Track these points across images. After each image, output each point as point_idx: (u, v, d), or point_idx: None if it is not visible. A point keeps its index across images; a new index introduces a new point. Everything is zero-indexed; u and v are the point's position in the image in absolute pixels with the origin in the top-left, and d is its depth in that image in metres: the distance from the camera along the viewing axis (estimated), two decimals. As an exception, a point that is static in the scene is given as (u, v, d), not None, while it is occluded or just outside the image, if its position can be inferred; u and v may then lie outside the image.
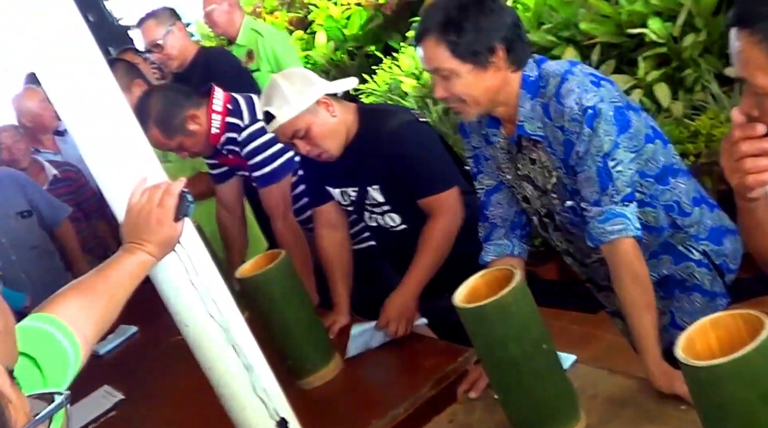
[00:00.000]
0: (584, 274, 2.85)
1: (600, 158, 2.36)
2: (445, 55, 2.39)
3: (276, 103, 3.17)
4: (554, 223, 2.68)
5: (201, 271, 2.28)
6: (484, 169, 2.75)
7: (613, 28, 5.50)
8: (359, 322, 3.28)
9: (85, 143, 2.16)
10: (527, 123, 2.46)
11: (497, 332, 2.18)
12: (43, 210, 5.12)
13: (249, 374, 2.36)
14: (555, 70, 2.45)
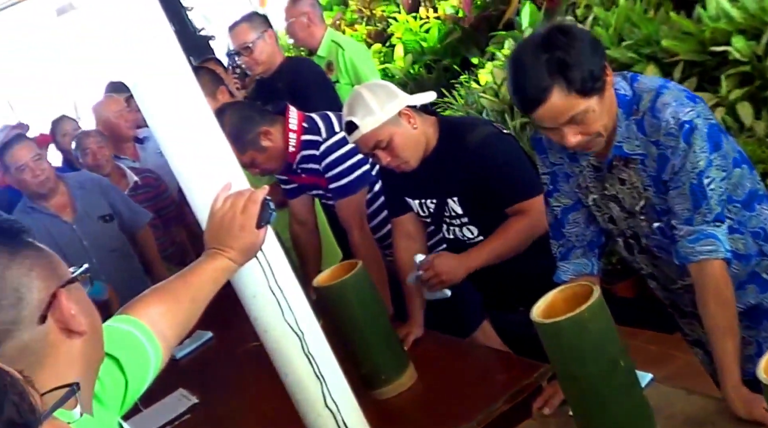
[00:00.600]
0: (667, 299, 2.80)
1: (695, 174, 2.33)
2: (576, 99, 2.31)
3: (359, 114, 3.20)
4: (640, 245, 2.64)
5: (280, 278, 2.31)
6: (560, 187, 2.72)
7: (696, 45, 5.43)
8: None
9: (171, 149, 2.21)
10: (625, 143, 2.42)
11: (575, 348, 2.17)
12: (125, 215, 5.20)
13: (321, 383, 2.39)
14: (649, 85, 2.42)
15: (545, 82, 2.28)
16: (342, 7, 11.98)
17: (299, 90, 4.82)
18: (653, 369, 2.66)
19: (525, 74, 2.32)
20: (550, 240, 2.82)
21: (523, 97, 2.33)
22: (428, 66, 9.04)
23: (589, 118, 2.33)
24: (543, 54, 2.31)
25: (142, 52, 2.13)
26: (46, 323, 1.46)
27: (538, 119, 2.34)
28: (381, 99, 3.20)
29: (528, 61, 2.33)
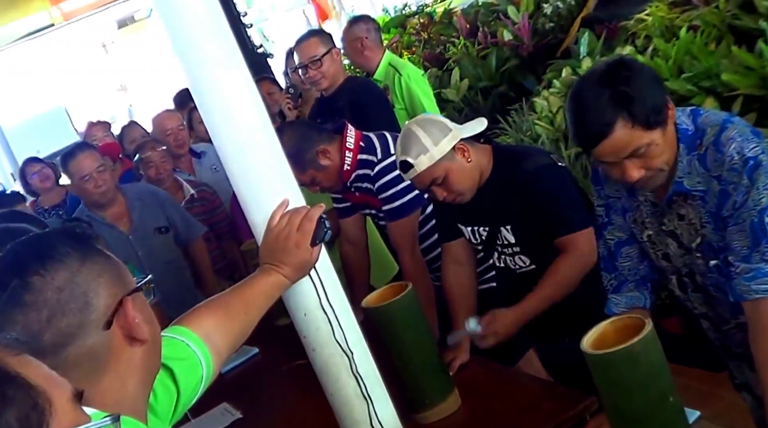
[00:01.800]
0: (718, 340, 2.78)
1: (756, 212, 2.31)
2: (639, 132, 2.31)
3: (413, 152, 3.21)
4: (695, 284, 2.63)
5: (332, 297, 2.33)
6: (615, 220, 2.72)
7: (757, 80, 5.41)
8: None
9: (232, 164, 2.24)
10: (686, 179, 2.41)
11: (624, 380, 2.16)
12: (179, 227, 5.26)
13: (368, 404, 2.40)
14: (713, 120, 2.41)
15: (608, 116, 2.29)
16: (400, 30, 12.05)
17: (359, 110, 4.85)
18: (699, 407, 2.66)
19: (587, 109, 2.33)
20: (601, 272, 2.82)
21: (586, 132, 2.34)
22: (484, 92, 9.05)
23: (652, 151, 2.34)
24: (605, 88, 2.32)
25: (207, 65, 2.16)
26: (111, 329, 1.49)
27: (599, 155, 2.35)
28: (434, 136, 3.20)
29: (590, 96, 2.34)
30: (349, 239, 4.40)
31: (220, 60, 2.17)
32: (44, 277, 1.45)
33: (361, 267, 4.43)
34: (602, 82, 2.35)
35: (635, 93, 2.31)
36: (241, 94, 2.20)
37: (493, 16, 10.02)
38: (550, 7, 9.06)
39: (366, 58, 5.82)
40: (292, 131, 3.91)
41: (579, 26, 8.22)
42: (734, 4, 6.35)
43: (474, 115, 8.69)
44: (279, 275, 2.23)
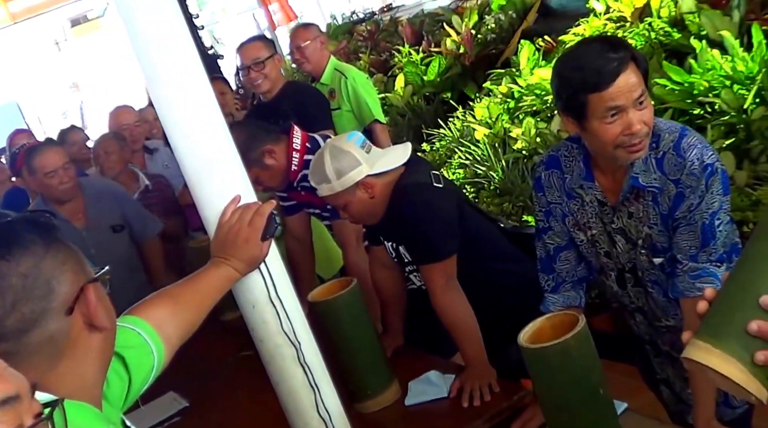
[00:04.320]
0: (648, 335, 2.83)
1: (708, 215, 2.37)
2: (641, 79, 2.34)
3: (316, 178, 3.24)
4: (635, 279, 2.67)
5: (280, 290, 2.33)
6: (554, 226, 2.74)
7: (686, 95, 5.49)
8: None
9: (185, 160, 2.24)
10: (642, 175, 2.44)
11: (559, 373, 2.20)
12: (135, 225, 5.19)
13: (315, 393, 2.41)
14: (669, 126, 2.45)
15: (623, 53, 2.30)
16: (347, 36, 12.06)
17: (305, 113, 4.84)
18: (626, 399, 2.69)
19: (600, 52, 2.32)
20: (538, 273, 2.84)
21: (602, 69, 2.29)
22: (427, 98, 9.10)
23: (647, 105, 2.36)
24: (609, 43, 2.36)
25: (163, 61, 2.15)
26: (72, 316, 1.49)
27: (612, 96, 2.30)
28: (341, 168, 3.18)
29: (597, 44, 2.37)
30: (295, 236, 4.39)
31: (175, 58, 2.16)
32: (9, 263, 1.44)
33: (306, 263, 4.43)
34: (601, 39, 2.40)
35: (635, 50, 2.37)
36: (196, 92, 2.19)
37: (437, 25, 10.08)
38: (493, 19, 9.14)
39: (323, 56, 5.83)
40: (240, 130, 3.90)
41: (519, 38, 8.28)
42: (666, 21, 6.44)
43: (417, 119, 8.75)
44: (229, 269, 2.23)
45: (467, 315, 3.15)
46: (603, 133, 2.34)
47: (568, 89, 2.35)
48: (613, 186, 2.53)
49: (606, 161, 2.47)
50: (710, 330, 1.44)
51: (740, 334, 1.39)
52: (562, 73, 2.40)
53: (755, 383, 1.38)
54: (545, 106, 6.88)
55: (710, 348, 1.41)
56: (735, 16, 5.88)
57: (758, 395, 1.39)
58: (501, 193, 6.52)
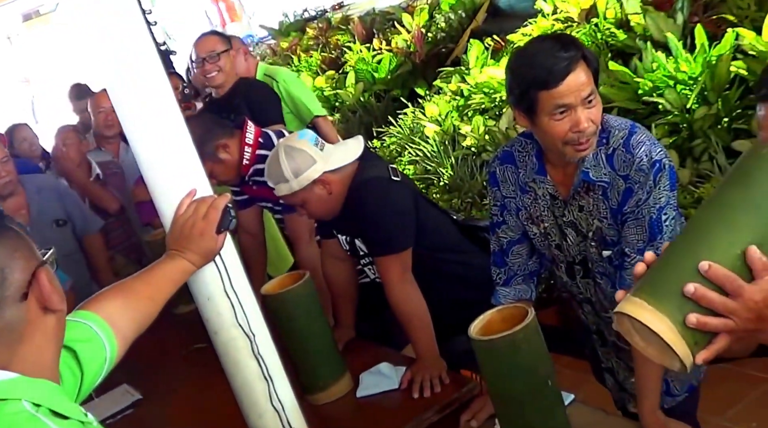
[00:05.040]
0: (595, 325, 2.86)
1: (656, 209, 2.40)
2: (591, 79, 2.36)
3: (274, 179, 3.23)
4: (585, 270, 2.69)
5: (235, 282, 2.33)
6: (508, 220, 2.76)
7: (631, 94, 5.56)
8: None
9: (141, 153, 2.23)
10: (592, 170, 2.46)
11: (507, 365, 2.22)
12: (77, 220, 5.14)
13: (268, 384, 2.40)
14: (619, 123, 2.48)
15: (573, 52, 2.32)
16: (299, 34, 12.04)
17: (258, 108, 4.82)
18: (572, 391, 2.73)
19: (551, 50, 2.33)
20: (491, 266, 2.86)
21: (553, 68, 2.30)
22: (378, 95, 9.12)
23: (596, 104, 2.37)
24: (561, 42, 2.37)
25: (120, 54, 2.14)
26: (27, 301, 1.48)
27: (561, 94, 2.31)
28: (297, 167, 3.18)
29: (549, 42, 2.38)
30: (248, 230, 4.38)
31: (132, 51, 2.15)
32: None
33: (258, 257, 4.42)
34: (554, 37, 2.43)
35: (585, 49, 2.38)
36: (152, 85, 2.18)
37: (388, 23, 10.10)
38: (443, 18, 9.17)
39: (252, 64, 5.80)
40: (194, 122, 3.88)
41: (468, 37, 8.33)
42: (612, 22, 6.51)
43: (368, 116, 8.76)
44: (184, 261, 2.22)
45: (420, 308, 3.17)
46: (551, 129, 2.36)
47: (519, 85, 2.37)
48: (564, 180, 2.56)
49: (556, 155, 2.49)
50: (646, 288, 1.46)
51: (676, 295, 1.42)
52: (514, 69, 2.42)
53: (683, 345, 1.41)
54: (494, 104, 6.93)
55: (644, 304, 1.43)
56: (679, 18, 5.96)
57: (684, 358, 1.42)
58: (450, 189, 6.56)
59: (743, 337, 1.48)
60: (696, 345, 1.42)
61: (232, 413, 2.52)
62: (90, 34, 2.15)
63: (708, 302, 1.41)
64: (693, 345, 1.42)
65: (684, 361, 1.42)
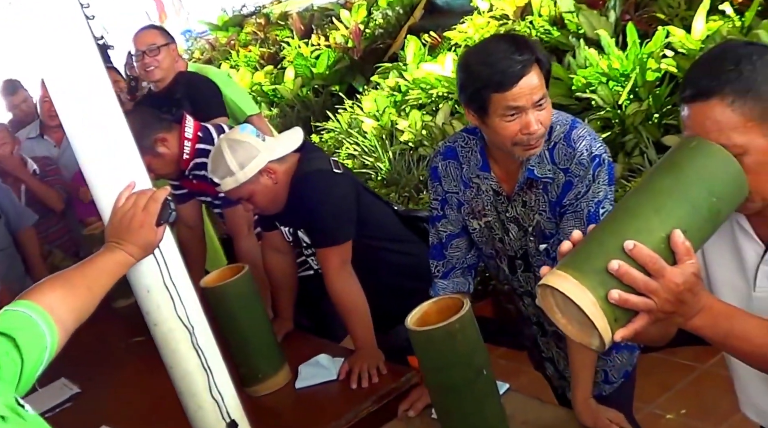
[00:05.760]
0: (536, 317, 2.88)
1: (594, 203, 2.43)
2: (543, 81, 2.37)
3: (219, 173, 3.21)
4: (525, 264, 2.71)
5: (174, 275, 2.32)
6: (449, 214, 2.77)
7: (565, 90, 5.63)
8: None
9: (80, 146, 2.21)
10: (537, 167, 2.48)
11: (444, 355, 2.24)
12: (10, 214, 5.08)
13: (207, 375, 2.40)
14: (561, 118, 2.50)
15: (528, 55, 2.32)
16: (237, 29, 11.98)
17: (201, 102, 4.78)
18: (507, 380, 2.76)
19: (506, 52, 2.32)
20: (429, 259, 2.87)
21: (507, 70, 2.30)
22: (316, 90, 9.11)
23: (546, 106, 2.39)
24: (516, 44, 2.36)
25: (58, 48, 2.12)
26: None
27: (515, 97, 2.32)
28: (241, 158, 3.18)
29: (504, 44, 2.37)
30: (187, 223, 4.35)
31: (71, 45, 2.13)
32: None
33: (198, 250, 4.40)
34: (509, 38, 2.43)
35: (539, 52, 2.39)
36: (90, 79, 2.16)
37: (327, 19, 10.10)
38: (380, 15, 9.19)
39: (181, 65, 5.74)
40: (133, 117, 3.84)
41: (406, 33, 8.36)
42: (546, 20, 6.58)
43: (306, 111, 8.75)
44: (123, 254, 2.19)
45: (359, 299, 3.19)
46: (502, 130, 2.38)
47: (473, 84, 2.37)
48: (508, 177, 2.58)
49: (503, 153, 2.52)
50: (571, 263, 1.51)
51: (600, 270, 1.47)
52: (468, 67, 2.42)
53: (603, 320, 1.45)
54: (431, 99, 6.96)
55: (568, 277, 1.47)
56: (611, 16, 6.04)
57: (603, 334, 1.46)
58: (388, 183, 6.58)
59: (662, 319, 1.53)
60: (616, 321, 1.47)
61: (171, 405, 2.51)
62: (28, 27, 2.12)
63: (630, 280, 1.46)
64: (613, 322, 1.46)
65: (603, 337, 1.46)
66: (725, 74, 1.67)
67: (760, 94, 1.66)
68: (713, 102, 1.67)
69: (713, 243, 1.92)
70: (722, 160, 1.59)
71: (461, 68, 2.45)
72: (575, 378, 2.51)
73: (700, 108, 1.69)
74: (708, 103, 1.67)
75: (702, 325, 1.59)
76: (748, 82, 1.66)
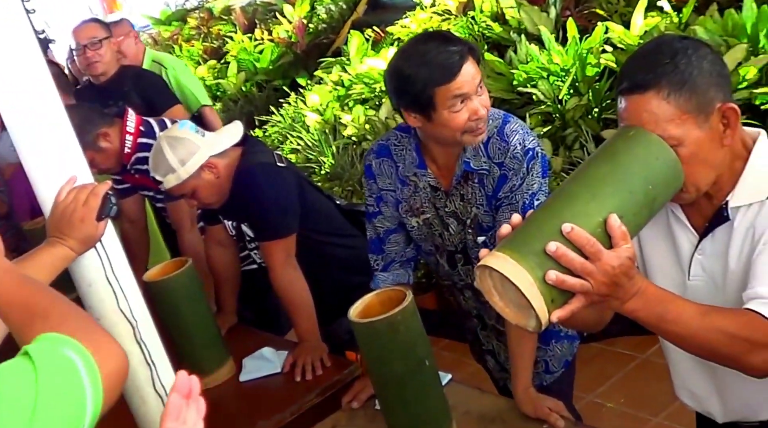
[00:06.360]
0: (476, 310, 2.91)
1: (528, 195, 2.47)
2: (478, 68, 2.43)
3: (161, 171, 3.20)
4: (465, 258, 2.74)
5: (117, 269, 2.30)
6: (384, 211, 2.79)
7: (506, 85, 5.67)
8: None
9: (20, 141, 2.18)
10: (472, 160, 2.51)
11: (386, 347, 2.25)
12: None
13: (151, 370, 2.39)
14: (493, 113, 2.53)
15: (462, 47, 2.37)
16: (180, 23, 11.88)
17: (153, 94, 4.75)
18: (449, 372, 2.78)
19: (440, 47, 2.37)
20: (369, 254, 2.88)
21: (446, 63, 2.35)
22: (259, 85, 9.08)
23: (485, 90, 2.44)
24: (446, 38, 2.43)
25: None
26: None
27: (458, 86, 2.36)
28: (182, 155, 3.17)
29: (437, 42, 2.40)
30: (130, 218, 4.33)
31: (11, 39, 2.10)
32: None
33: (141, 244, 4.38)
34: (435, 35, 2.49)
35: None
36: (31, 73, 2.14)
37: (270, 14, 10.06)
38: (324, 10, 9.18)
39: (138, 53, 5.71)
40: (74, 111, 3.80)
41: (349, 28, 8.36)
42: (488, 15, 6.62)
43: (249, 106, 8.72)
44: (64, 248, 2.18)
45: (303, 292, 3.19)
46: (452, 122, 2.41)
47: (413, 86, 2.39)
48: (445, 172, 2.60)
49: (443, 148, 2.54)
50: (510, 245, 1.54)
51: (538, 252, 1.50)
52: (403, 73, 2.43)
53: (540, 301, 1.49)
54: (374, 94, 6.97)
55: (507, 258, 1.50)
56: (552, 12, 6.10)
57: (540, 314, 1.49)
58: (331, 178, 6.58)
59: (597, 302, 1.57)
60: (553, 302, 1.50)
61: (114, 400, 2.50)
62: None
63: (568, 261, 1.50)
64: (550, 303, 1.50)
65: (540, 317, 1.49)
66: (661, 67, 1.72)
67: (695, 88, 1.71)
68: (650, 94, 1.71)
69: (649, 232, 1.97)
70: (659, 149, 1.64)
71: (394, 76, 2.47)
72: (515, 368, 2.54)
73: (636, 100, 1.73)
74: (645, 96, 1.72)
75: (636, 308, 1.63)
76: (684, 76, 1.70)
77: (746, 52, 4.58)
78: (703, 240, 1.89)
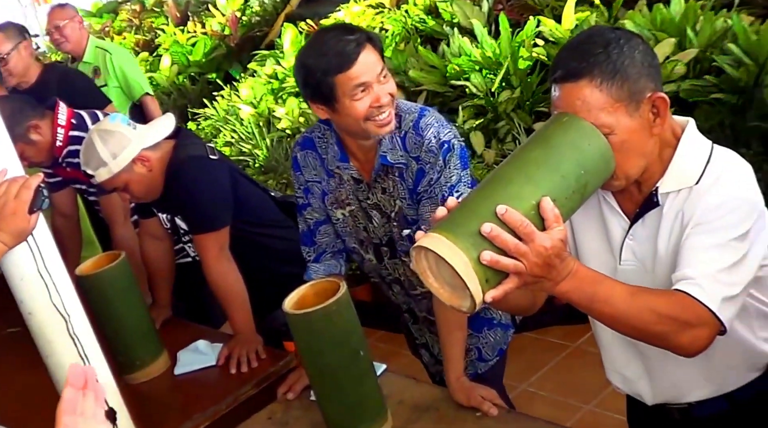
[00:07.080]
0: (406, 304, 2.93)
1: (447, 188, 2.47)
2: (380, 57, 2.45)
3: (92, 165, 3.16)
4: (391, 251, 2.75)
5: (49, 262, 2.29)
6: (312, 202, 2.80)
7: (440, 78, 5.71)
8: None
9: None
10: (389, 154, 2.52)
11: (321, 338, 2.26)
12: None
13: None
14: (409, 107, 2.55)
15: (361, 37, 2.39)
16: (112, 16, 11.76)
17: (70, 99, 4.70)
18: (384, 362, 2.80)
19: (337, 36, 2.39)
20: (301, 246, 2.89)
21: (343, 51, 2.36)
22: (192, 78, 9.02)
23: (390, 79, 2.45)
24: (344, 28, 2.45)
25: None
26: None
27: (357, 74, 2.37)
28: (113, 149, 3.13)
29: (335, 32, 2.43)
30: (62, 211, 4.28)
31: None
32: None
33: (73, 238, 4.33)
34: (336, 26, 2.51)
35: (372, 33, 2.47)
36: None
37: (203, 6, 10.01)
38: (257, 2, 9.15)
39: (81, 38, 5.67)
40: (5, 104, 3.76)
41: (283, 21, 8.34)
42: (421, 9, 6.66)
43: (182, 99, 8.66)
44: (-5, 241, 2.16)
45: (237, 284, 3.19)
46: (353, 109, 2.42)
47: (314, 76, 2.41)
48: (366, 165, 2.62)
49: (356, 140, 2.56)
50: (446, 226, 1.57)
51: (473, 233, 1.53)
52: (306, 62, 2.45)
53: (475, 281, 1.51)
54: (308, 87, 6.97)
55: (442, 238, 1.53)
56: (484, 6, 6.16)
57: (475, 294, 1.52)
58: (266, 170, 6.57)
59: (530, 283, 1.60)
60: (487, 282, 1.53)
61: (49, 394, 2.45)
62: None
63: (501, 242, 1.53)
64: (485, 283, 1.52)
65: (475, 297, 1.52)
66: (594, 57, 1.76)
67: (626, 77, 1.75)
68: (582, 83, 1.75)
69: (582, 219, 2.02)
70: (591, 135, 1.69)
71: (298, 69, 2.49)
72: (447, 357, 2.57)
73: (570, 89, 1.77)
74: (578, 84, 1.76)
75: (569, 289, 1.66)
76: (616, 65, 1.75)
77: (674, 46, 4.67)
78: (633, 225, 1.94)
